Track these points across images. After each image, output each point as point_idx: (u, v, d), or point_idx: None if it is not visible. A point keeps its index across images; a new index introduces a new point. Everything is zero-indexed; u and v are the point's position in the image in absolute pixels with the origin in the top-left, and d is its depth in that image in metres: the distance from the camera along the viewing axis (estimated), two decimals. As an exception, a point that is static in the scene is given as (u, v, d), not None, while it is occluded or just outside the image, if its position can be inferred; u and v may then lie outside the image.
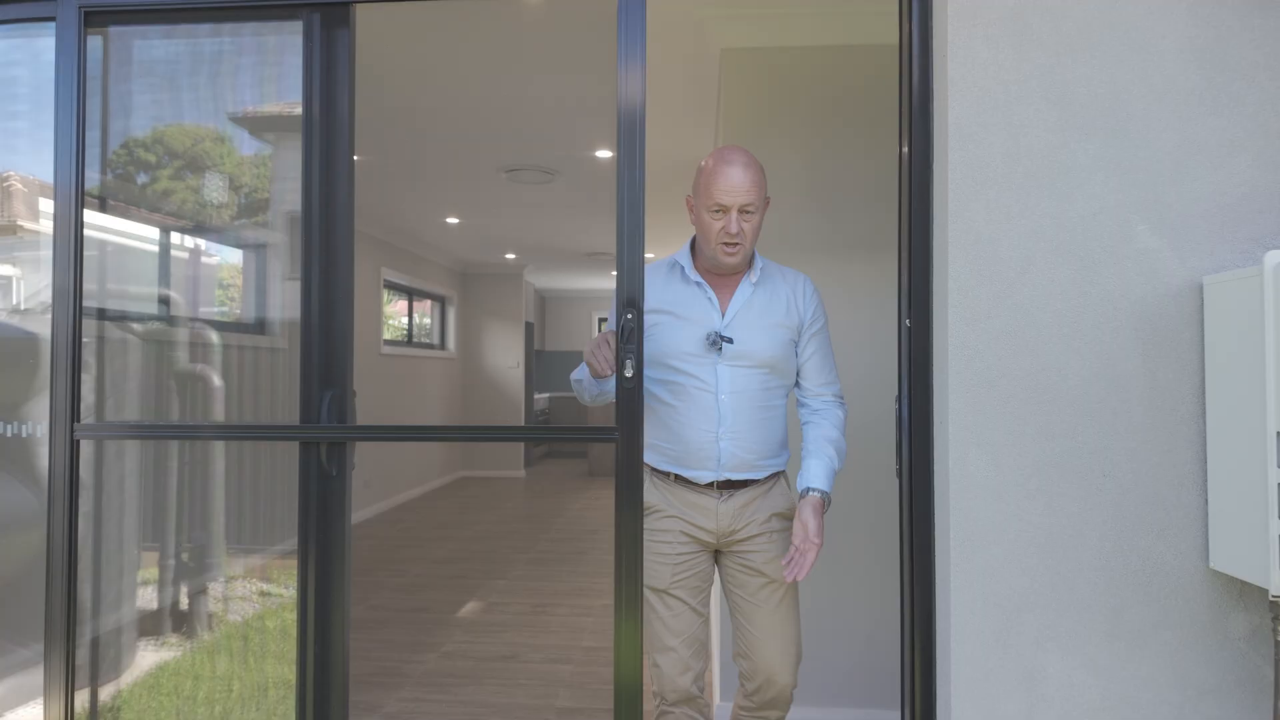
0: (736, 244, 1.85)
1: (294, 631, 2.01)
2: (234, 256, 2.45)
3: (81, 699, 2.10)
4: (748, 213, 1.85)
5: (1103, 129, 1.58)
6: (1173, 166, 1.57)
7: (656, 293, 1.95)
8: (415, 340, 8.97)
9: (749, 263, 1.96)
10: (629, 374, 1.73)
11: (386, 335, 8.00)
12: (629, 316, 1.73)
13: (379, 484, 7.38)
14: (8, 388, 2.28)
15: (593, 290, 12.59)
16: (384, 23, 3.06)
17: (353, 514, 2.02)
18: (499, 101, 4.09)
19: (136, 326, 2.30)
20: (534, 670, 3.64)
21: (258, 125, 2.33)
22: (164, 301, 2.39)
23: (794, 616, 1.98)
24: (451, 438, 2.05)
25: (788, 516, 1.98)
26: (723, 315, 1.93)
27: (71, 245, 1.93)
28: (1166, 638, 1.55)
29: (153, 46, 2.11)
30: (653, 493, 1.98)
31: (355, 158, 1.92)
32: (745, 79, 3.08)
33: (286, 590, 2.31)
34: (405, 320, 8.78)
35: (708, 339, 1.89)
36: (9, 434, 2.25)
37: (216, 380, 2.28)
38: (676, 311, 1.93)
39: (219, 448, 2.18)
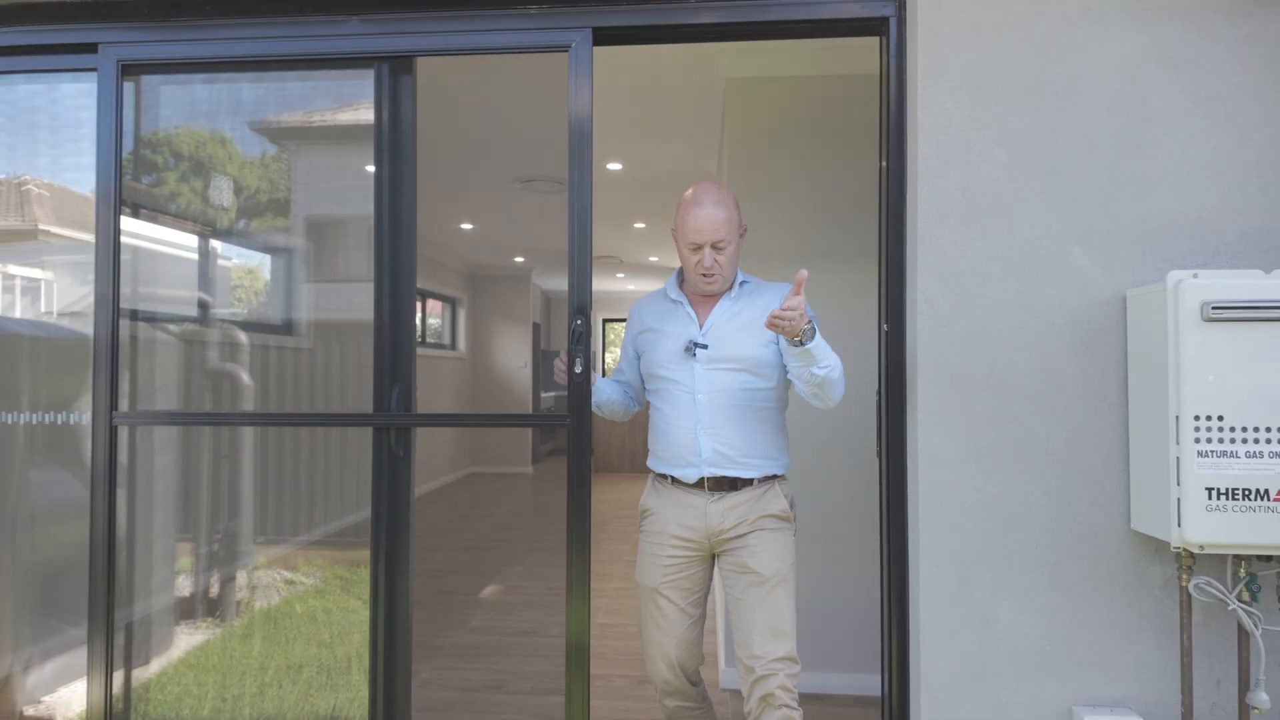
0: (713, 275, 2.03)
1: (321, 616, 2.34)
2: (256, 260, 2.69)
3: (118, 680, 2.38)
4: (720, 247, 2.01)
5: (1044, 168, 1.92)
6: (1101, 200, 1.90)
7: (647, 315, 2.18)
8: (427, 341, 9.31)
9: (730, 285, 2.11)
10: (578, 370, 2.11)
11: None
12: (579, 322, 2.12)
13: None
14: (63, 384, 2.58)
15: (598, 292, 12.91)
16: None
17: (372, 509, 2.35)
18: (517, 119, 4.42)
19: (172, 327, 2.57)
20: (554, 644, 3.97)
21: (278, 134, 2.62)
22: (202, 305, 2.65)
23: (782, 610, 1.97)
24: (496, 423, 2.35)
25: (781, 518, 2.04)
26: (700, 327, 2.08)
27: (111, 256, 2.26)
28: (1096, 588, 1.89)
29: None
30: (651, 497, 2.14)
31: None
32: (748, 104, 3.41)
33: (308, 579, 2.61)
34: (417, 321, 9.11)
35: (684, 347, 2.05)
36: (63, 422, 2.55)
37: (245, 378, 2.59)
38: (660, 327, 2.12)
39: (249, 443, 2.47)
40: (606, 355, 14.03)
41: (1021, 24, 1.94)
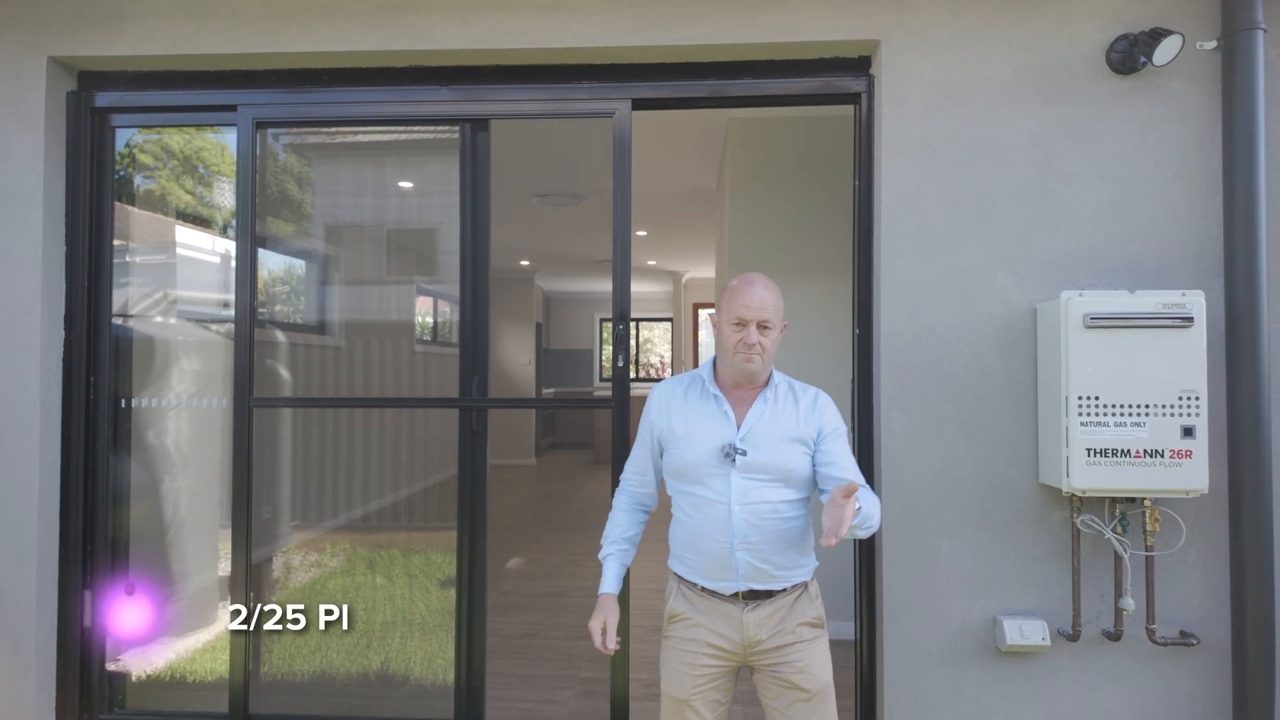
0: (753, 353, 1.97)
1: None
2: (278, 262, 3.12)
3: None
4: (765, 328, 1.98)
5: (977, 213, 2.54)
6: (1020, 236, 2.53)
7: (677, 405, 2.07)
8: (440, 340, 9.87)
9: (766, 380, 2.06)
10: (620, 364, 2.67)
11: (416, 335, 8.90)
12: (620, 328, 2.71)
13: (412, 469, 8.26)
14: (131, 377, 3.02)
15: (595, 292, 13.48)
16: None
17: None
18: (538, 141, 5.01)
19: (217, 328, 2.99)
20: (577, 602, 4.58)
21: (299, 148, 3.15)
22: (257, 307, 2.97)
23: None
24: (552, 405, 2.90)
25: (816, 625, 2.03)
26: (738, 428, 2.01)
27: (248, 276, 2.83)
28: (1014, 526, 2.51)
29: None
30: (681, 602, 2.05)
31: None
32: (746, 139, 4.03)
33: (335, 561, 3.08)
34: (429, 319, 9.65)
35: (722, 450, 1.98)
36: (136, 406, 2.99)
37: (284, 373, 3.12)
38: (693, 425, 2.03)
39: (286, 427, 3.01)
40: (605, 349, 14.58)
41: (962, 102, 2.56)
